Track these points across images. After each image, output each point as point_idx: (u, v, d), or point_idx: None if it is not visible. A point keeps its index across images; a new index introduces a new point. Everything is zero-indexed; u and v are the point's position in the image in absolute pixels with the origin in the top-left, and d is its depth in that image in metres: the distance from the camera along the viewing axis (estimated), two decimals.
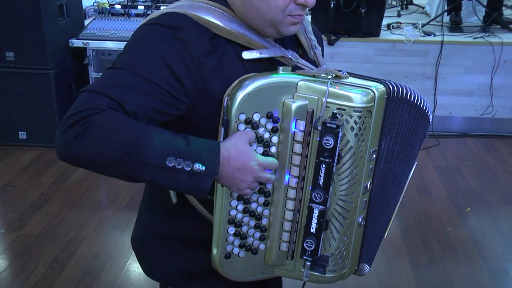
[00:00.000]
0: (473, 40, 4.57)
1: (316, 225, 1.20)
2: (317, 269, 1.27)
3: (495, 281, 2.78)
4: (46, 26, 4.00)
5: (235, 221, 1.21)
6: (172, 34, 1.13)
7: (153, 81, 1.09)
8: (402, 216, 3.34)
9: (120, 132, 1.02)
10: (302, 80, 1.17)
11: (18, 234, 3.13)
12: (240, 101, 1.11)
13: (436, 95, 4.61)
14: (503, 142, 4.53)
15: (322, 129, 1.14)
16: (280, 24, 1.20)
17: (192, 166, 1.05)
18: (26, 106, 4.15)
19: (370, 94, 1.17)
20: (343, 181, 1.21)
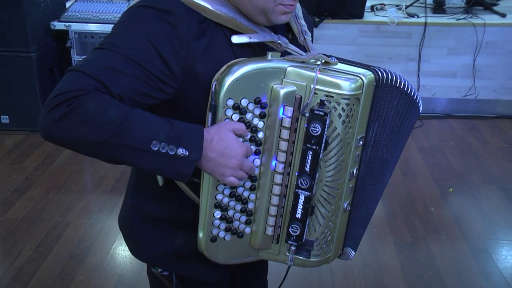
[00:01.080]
0: (456, 21, 4.58)
1: (302, 211, 1.20)
2: (302, 254, 1.27)
3: (477, 260, 2.82)
4: (27, 9, 3.96)
5: (222, 205, 1.21)
6: (161, 17, 1.11)
7: (141, 64, 1.08)
8: (386, 197, 3.36)
9: (106, 114, 1.01)
10: (291, 66, 1.16)
11: (2, 219, 3.12)
12: (228, 87, 1.11)
13: (420, 77, 4.64)
14: (485, 123, 4.57)
15: (310, 116, 1.13)
16: (271, 12, 1.18)
17: (175, 150, 1.06)
18: (8, 90, 4.12)
19: (359, 81, 1.16)
20: (329, 167, 1.20)
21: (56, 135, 1.02)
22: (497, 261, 2.81)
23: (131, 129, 1.04)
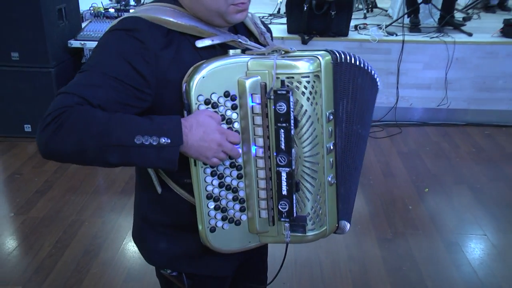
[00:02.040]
0: (430, 39, 4.61)
1: (287, 187, 1.18)
2: (298, 230, 1.24)
3: (449, 252, 2.83)
4: (47, 29, 3.96)
5: (213, 196, 1.20)
6: (130, 35, 1.13)
7: (117, 77, 1.09)
8: (369, 196, 3.37)
9: (90, 122, 1.03)
10: (252, 59, 1.16)
11: (25, 217, 3.12)
12: (197, 84, 1.11)
13: (399, 89, 4.64)
14: (456, 129, 4.58)
15: (275, 97, 1.13)
16: (225, 14, 1.19)
17: (158, 140, 1.06)
18: (30, 101, 4.11)
19: (316, 61, 1.15)
20: (304, 143, 1.18)
21: (52, 150, 1.04)
22: (466, 253, 2.82)
23: (115, 130, 1.04)
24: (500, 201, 3.38)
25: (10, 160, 3.87)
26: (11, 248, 2.84)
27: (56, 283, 2.55)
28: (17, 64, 4.03)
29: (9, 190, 3.46)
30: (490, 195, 3.44)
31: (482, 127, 4.62)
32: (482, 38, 4.65)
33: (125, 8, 4.74)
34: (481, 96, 4.65)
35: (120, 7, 4.76)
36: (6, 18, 3.90)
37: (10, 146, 4.09)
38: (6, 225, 3.06)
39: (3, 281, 2.57)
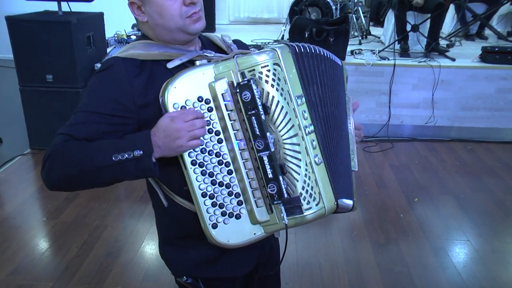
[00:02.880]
0: (418, 63, 4.61)
1: (271, 169, 1.14)
2: (295, 212, 1.17)
3: (436, 256, 2.81)
4: (77, 54, 3.99)
5: (208, 194, 1.18)
6: (106, 73, 1.19)
7: (97, 111, 1.15)
8: (364, 205, 3.36)
9: (72, 154, 1.10)
10: (216, 63, 1.17)
11: (55, 222, 3.13)
12: (170, 94, 1.13)
13: (390, 108, 4.64)
14: (442, 145, 4.57)
15: (239, 89, 1.13)
16: (186, 27, 1.21)
17: (132, 153, 1.09)
18: (61, 118, 4.07)
19: (274, 52, 1.16)
20: (279, 127, 1.15)
21: (52, 183, 1.14)
22: (452, 257, 2.81)
23: (94, 154, 1.10)
24: (481, 209, 3.36)
25: None
26: (43, 249, 2.85)
27: (82, 281, 2.55)
28: (51, 85, 4.05)
29: (42, 197, 3.47)
30: (472, 204, 3.43)
31: (465, 143, 4.60)
32: (464, 63, 4.66)
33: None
34: (463, 115, 4.65)
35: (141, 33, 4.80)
36: (43, 45, 3.94)
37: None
38: (40, 228, 3.07)
39: (37, 278, 2.58)
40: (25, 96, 4.10)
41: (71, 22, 3.88)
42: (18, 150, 4.22)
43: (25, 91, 4.10)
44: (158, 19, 1.20)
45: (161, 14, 1.19)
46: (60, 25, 3.91)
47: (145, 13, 1.22)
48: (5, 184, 3.68)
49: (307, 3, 5.69)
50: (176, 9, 1.19)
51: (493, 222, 3.21)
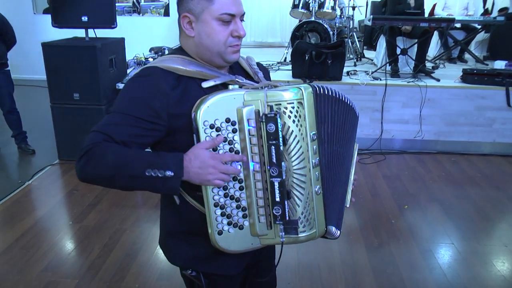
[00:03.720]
0: (407, 83, 4.63)
1: (279, 194, 1.17)
2: (291, 232, 1.21)
3: (424, 258, 2.80)
4: (101, 75, 4.03)
5: (219, 204, 1.19)
6: (146, 80, 1.17)
7: (134, 115, 1.13)
8: (359, 212, 3.35)
9: (111, 156, 1.08)
10: (247, 91, 1.17)
11: (80, 226, 3.13)
12: (203, 112, 1.13)
13: (383, 123, 4.64)
14: (429, 157, 4.56)
15: (265, 120, 1.14)
16: (224, 54, 1.22)
17: (164, 173, 1.08)
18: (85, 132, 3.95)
19: (299, 91, 1.17)
20: (293, 158, 1.18)
21: (85, 177, 1.11)
22: (438, 259, 2.80)
23: (130, 164, 1.09)
24: (464, 215, 3.35)
25: (69, 179, 3.90)
26: (70, 250, 2.86)
27: (104, 279, 2.56)
28: (78, 102, 4.09)
29: (68, 203, 3.48)
30: (456, 211, 3.41)
31: (449, 155, 4.59)
32: (447, 83, 4.67)
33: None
34: (448, 130, 4.65)
35: (158, 57, 4.83)
36: (71, 67, 3.99)
37: (69, 168, 4.11)
38: (66, 231, 3.08)
39: (65, 275, 2.59)
40: (55, 112, 4.15)
41: (96, 46, 3.94)
42: (48, 161, 4.25)
43: (55, 108, 4.14)
44: (205, 39, 1.21)
45: (209, 36, 1.20)
46: (87, 49, 3.96)
47: (194, 29, 1.22)
48: (37, 191, 3.70)
49: (307, 29, 5.72)
50: (224, 36, 1.20)
51: (474, 227, 3.19)
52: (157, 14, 7.56)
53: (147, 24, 7.53)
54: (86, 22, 4.05)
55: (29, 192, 3.65)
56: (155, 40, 7.13)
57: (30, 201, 3.50)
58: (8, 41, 4.28)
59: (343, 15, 6.20)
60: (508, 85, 4.46)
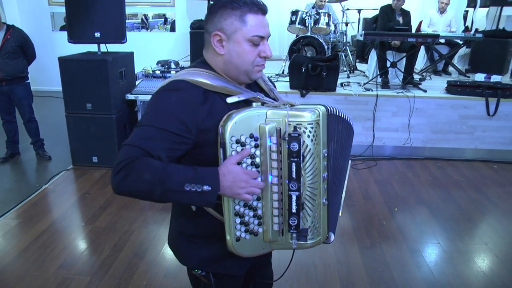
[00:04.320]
0: (397, 94, 4.64)
1: (296, 207, 1.19)
2: (301, 239, 1.25)
3: (412, 256, 2.81)
4: (111, 86, 4.05)
5: (239, 214, 1.20)
6: (176, 94, 1.15)
7: (166, 129, 1.11)
8: (353, 214, 3.35)
9: (151, 171, 1.06)
10: (269, 110, 1.18)
11: (92, 227, 3.14)
12: (230, 128, 1.13)
13: (374, 131, 4.65)
14: (417, 162, 4.56)
15: (289, 139, 1.15)
16: (251, 73, 1.23)
17: (202, 188, 1.08)
18: (97, 139, 4.17)
19: (316, 112, 1.18)
20: (308, 173, 1.20)
21: (122, 191, 1.08)
22: (425, 257, 2.80)
23: (169, 179, 1.07)
24: (449, 217, 3.35)
25: (82, 183, 3.91)
26: (82, 249, 2.86)
27: (114, 276, 2.56)
28: (90, 112, 4.10)
29: (81, 206, 3.49)
30: (442, 213, 3.42)
31: (436, 161, 4.60)
32: (434, 94, 4.69)
33: (167, 70, 4.79)
34: (434, 137, 4.66)
35: (164, 70, 4.85)
36: (85, 79, 4.01)
37: (82, 173, 4.13)
38: (79, 232, 3.08)
39: (78, 273, 2.59)
40: (69, 121, 4.17)
41: (108, 60, 3.96)
42: (63, 166, 4.27)
43: (69, 117, 4.16)
44: (235, 57, 1.20)
45: (240, 55, 1.20)
46: (99, 63, 3.99)
47: (224, 47, 1.20)
48: (53, 194, 3.71)
49: (304, 43, 5.74)
50: (253, 56, 1.20)
51: (458, 227, 3.20)
52: (164, 30, 7.59)
53: (155, 39, 7.57)
54: (98, 37, 4.08)
55: (46, 195, 3.66)
56: (162, 54, 7.17)
57: (47, 204, 3.51)
58: (29, 56, 4.33)
59: (337, 30, 6.23)
60: (488, 96, 4.49)
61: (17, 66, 4.17)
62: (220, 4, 1.19)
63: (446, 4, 6.35)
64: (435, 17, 6.49)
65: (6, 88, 4.18)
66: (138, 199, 1.13)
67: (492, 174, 4.28)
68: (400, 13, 5.56)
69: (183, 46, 7.10)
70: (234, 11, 1.17)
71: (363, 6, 6.66)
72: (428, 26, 6.52)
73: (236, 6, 1.17)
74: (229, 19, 1.18)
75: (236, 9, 1.17)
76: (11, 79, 4.16)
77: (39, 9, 7.29)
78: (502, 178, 4.17)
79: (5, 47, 4.08)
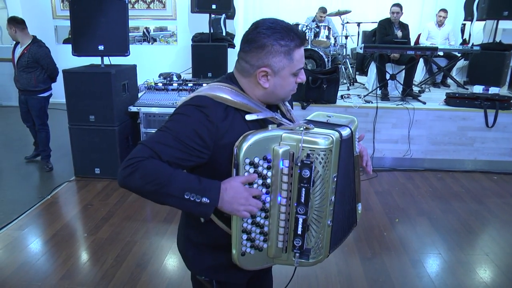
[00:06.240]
0: (396, 106, 4.67)
1: (301, 229, 1.21)
2: (303, 258, 1.27)
3: (413, 267, 2.81)
4: (114, 98, 4.08)
5: (247, 231, 1.23)
6: (199, 110, 1.16)
7: (184, 142, 1.14)
8: None
9: (156, 173, 1.09)
10: (284, 133, 1.19)
11: (94, 237, 3.15)
12: (245, 150, 1.15)
13: (374, 143, 4.67)
14: (417, 174, 4.57)
15: (301, 165, 1.16)
16: (286, 98, 1.29)
17: (201, 199, 1.11)
18: (100, 151, 4.18)
19: (330, 139, 1.19)
20: (316, 197, 1.21)
21: (126, 185, 1.11)
22: (426, 268, 2.80)
23: (172, 183, 1.10)
24: (449, 228, 3.36)
25: (85, 194, 3.92)
26: (85, 260, 2.86)
27: (117, 286, 2.56)
28: (93, 124, 4.13)
29: (83, 217, 3.49)
30: (442, 224, 3.43)
31: (435, 172, 4.61)
32: (433, 106, 4.72)
33: (169, 83, 4.80)
34: (434, 149, 4.67)
35: (166, 82, 4.88)
36: (88, 92, 4.05)
37: (85, 184, 4.14)
38: (82, 242, 3.09)
39: (81, 283, 2.59)
40: (72, 132, 4.19)
41: (111, 73, 4.01)
42: (65, 177, 4.29)
43: (72, 129, 4.19)
44: (278, 89, 1.23)
45: (283, 87, 1.23)
46: (102, 75, 4.03)
47: (269, 81, 1.22)
48: (55, 205, 3.72)
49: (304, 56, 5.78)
50: (292, 85, 1.24)
51: (459, 238, 3.21)
52: (165, 42, 7.67)
53: (156, 51, 7.65)
54: (102, 50, 4.14)
55: (48, 206, 3.67)
56: (164, 66, 7.24)
57: (49, 215, 3.52)
58: (47, 71, 4.44)
59: (337, 43, 6.30)
60: (486, 108, 4.53)
61: (29, 80, 4.38)
62: (269, 39, 1.18)
63: (444, 18, 6.45)
64: (434, 30, 6.57)
65: (22, 97, 4.52)
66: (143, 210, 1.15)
67: (492, 185, 4.30)
68: (399, 26, 5.64)
69: (184, 59, 7.16)
70: (282, 48, 1.19)
71: (363, 19, 6.74)
72: (426, 39, 6.61)
73: (285, 44, 1.19)
74: (278, 57, 1.19)
75: (284, 46, 1.19)
76: (24, 90, 4.45)
77: (43, 22, 7.39)
78: (502, 189, 4.18)
79: (21, 60, 4.35)
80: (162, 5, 7.49)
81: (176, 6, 7.48)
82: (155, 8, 7.51)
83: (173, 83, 4.79)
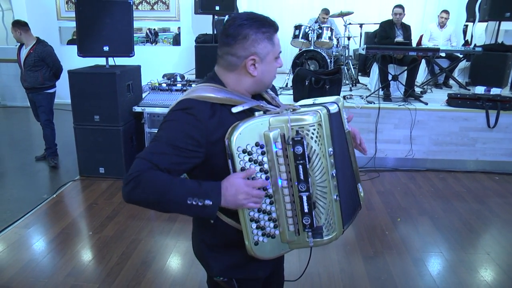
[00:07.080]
0: (398, 107, 4.67)
1: (307, 206, 1.22)
2: (317, 236, 1.27)
3: (415, 266, 2.82)
4: (119, 99, 4.11)
5: (255, 219, 1.24)
6: (185, 113, 1.20)
7: (178, 146, 1.17)
8: (356, 224, 3.36)
9: (156, 183, 1.12)
10: (272, 117, 1.21)
11: (99, 236, 3.17)
12: (236, 139, 1.17)
13: (377, 143, 4.67)
14: (419, 174, 4.58)
15: (293, 143, 1.18)
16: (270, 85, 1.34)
17: (203, 202, 1.15)
18: (104, 151, 4.20)
19: (317, 113, 1.21)
20: (316, 173, 1.23)
21: (131, 200, 1.15)
22: (428, 266, 2.82)
23: (174, 192, 1.13)
24: (451, 227, 3.37)
25: (90, 193, 3.94)
26: (90, 258, 2.89)
27: (122, 284, 2.59)
28: (98, 124, 4.16)
29: (88, 215, 3.52)
30: (444, 223, 3.44)
31: (437, 172, 4.62)
32: (435, 106, 4.73)
33: (173, 83, 4.81)
34: (436, 149, 4.68)
35: (170, 83, 4.90)
36: (93, 92, 4.08)
37: (90, 183, 4.17)
38: (87, 241, 3.12)
39: (86, 280, 2.62)
40: (77, 132, 4.22)
41: (116, 73, 4.04)
42: (70, 177, 4.32)
43: (77, 129, 4.22)
44: (266, 76, 1.28)
45: (270, 73, 1.28)
46: (107, 76, 4.06)
47: (257, 69, 1.26)
48: (60, 204, 3.75)
49: (307, 57, 5.81)
50: (275, 70, 1.29)
51: (460, 237, 3.22)
52: (168, 43, 7.71)
53: (160, 52, 7.68)
54: (107, 51, 4.17)
55: (54, 205, 3.70)
56: (168, 67, 7.27)
57: (55, 213, 3.55)
58: (52, 68, 4.57)
59: (339, 44, 6.32)
60: (488, 108, 4.55)
61: (36, 78, 4.50)
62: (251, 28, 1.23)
63: (446, 19, 6.46)
64: (436, 31, 6.59)
65: (30, 95, 4.68)
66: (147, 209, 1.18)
67: (493, 185, 4.31)
68: (401, 28, 5.65)
69: (188, 60, 7.20)
70: (264, 35, 1.24)
71: (365, 20, 6.76)
72: (428, 40, 6.63)
73: (266, 30, 1.25)
74: (262, 43, 1.24)
75: (266, 32, 1.25)
76: (31, 88, 4.57)
77: (48, 24, 7.44)
78: (503, 189, 4.20)
79: (27, 60, 4.48)
80: (166, 7, 7.53)
81: (180, 7, 7.51)
82: (159, 9, 7.55)
83: (177, 84, 4.81)
